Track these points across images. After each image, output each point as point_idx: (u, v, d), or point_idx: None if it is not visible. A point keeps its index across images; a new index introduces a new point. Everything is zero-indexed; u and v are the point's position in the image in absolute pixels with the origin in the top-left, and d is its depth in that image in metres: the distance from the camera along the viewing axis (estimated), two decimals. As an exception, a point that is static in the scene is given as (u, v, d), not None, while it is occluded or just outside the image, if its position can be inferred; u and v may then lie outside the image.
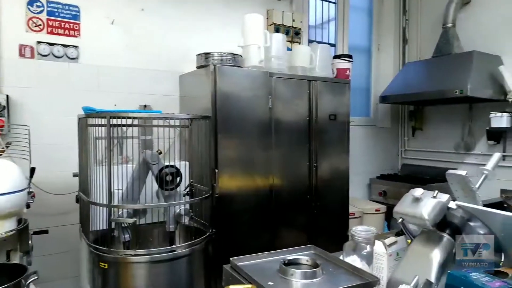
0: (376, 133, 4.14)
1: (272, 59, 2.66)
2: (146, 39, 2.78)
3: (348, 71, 3.02)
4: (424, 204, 1.20)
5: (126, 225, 1.95)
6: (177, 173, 1.94)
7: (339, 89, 2.95)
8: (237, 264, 1.37)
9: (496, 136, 3.45)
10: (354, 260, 1.54)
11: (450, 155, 3.80)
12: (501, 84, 3.20)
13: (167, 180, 1.93)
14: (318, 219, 2.88)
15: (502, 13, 3.37)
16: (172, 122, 2.17)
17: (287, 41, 3.10)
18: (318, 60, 2.90)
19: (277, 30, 3.02)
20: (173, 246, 1.96)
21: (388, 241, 1.35)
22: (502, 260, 1.18)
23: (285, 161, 2.71)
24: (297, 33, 3.16)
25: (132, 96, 2.72)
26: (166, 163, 1.96)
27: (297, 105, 2.73)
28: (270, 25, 3.03)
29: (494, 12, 3.43)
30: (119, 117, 1.84)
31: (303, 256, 1.45)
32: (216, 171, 2.34)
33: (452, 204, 1.20)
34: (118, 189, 1.99)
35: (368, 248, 1.46)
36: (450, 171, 1.33)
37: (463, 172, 1.28)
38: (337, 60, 3.04)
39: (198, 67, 2.52)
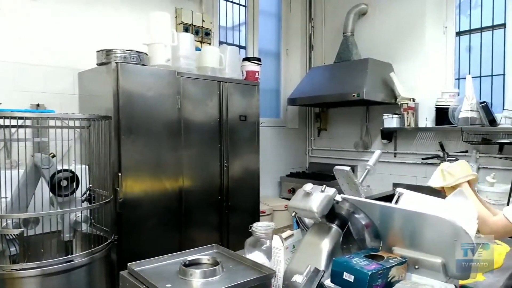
0: (285, 134, 4.34)
1: (180, 58, 2.62)
2: (40, 32, 2.53)
3: (257, 74, 3.12)
4: (313, 198, 1.29)
5: (12, 237, 1.75)
6: (72, 177, 1.80)
7: (248, 90, 3.02)
8: (135, 269, 1.32)
9: (389, 135, 3.86)
10: (257, 255, 1.59)
11: (350, 153, 4.15)
12: (392, 89, 3.59)
13: (61, 185, 1.78)
14: (230, 218, 2.91)
15: (394, 25, 3.78)
16: (71, 123, 2.01)
17: (197, 41, 3.08)
18: (228, 62, 2.93)
19: (186, 29, 2.99)
20: (69, 256, 1.81)
21: (284, 235, 1.42)
22: (381, 245, 1.32)
23: (196, 162, 2.69)
24: (207, 33, 3.16)
25: (23, 95, 2.45)
26: (64, 167, 1.81)
27: (207, 105, 2.73)
28: (179, 24, 2.98)
29: (387, 24, 3.83)
30: (1, 117, 1.65)
31: (205, 256, 1.46)
32: (120, 174, 2.22)
33: (338, 197, 1.31)
34: (4, 197, 1.79)
35: (268, 242, 1.52)
36: (337, 167, 1.45)
37: (347, 168, 1.40)
38: (247, 63, 3.11)
39: (98, 64, 2.37)
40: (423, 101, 3.56)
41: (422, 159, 3.56)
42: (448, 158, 3.42)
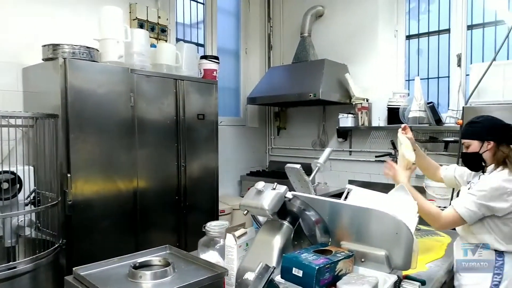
0: (246, 132, 4.34)
1: (134, 55, 2.54)
2: (-22, 23, 2.35)
3: (215, 72, 3.10)
4: (265, 196, 1.31)
5: None
6: (14, 179, 1.70)
7: (206, 89, 2.99)
8: (81, 273, 1.27)
9: (344, 134, 3.98)
10: (211, 255, 1.58)
11: (308, 152, 4.23)
12: (347, 89, 3.70)
13: (2, 188, 1.68)
14: (188, 218, 2.87)
15: (348, 28, 3.90)
16: (15, 121, 1.89)
17: (152, 38, 3.01)
18: (185, 60, 2.89)
19: (141, 25, 2.90)
20: (12, 263, 1.71)
21: (237, 233, 1.42)
22: (330, 240, 1.36)
23: (152, 161, 2.63)
24: (163, 30, 3.09)
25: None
26: (5, 169, 1.70)
27: (163, 104, 2.68)
28: (133, 20, 2.89)
29: (342, 26, 3.94)
30: None
31: (157, 257, 1.43)
32: (69, 175, 2.12)
33: (289, 194, 1.33)
34: None
35: (222, 241, 1.51)
36: (288, 165, 1.47)
37: (297, 166, 1.42)
38: (204, 61, 3.08)
39: (44, 60, 2.25)
40: (376, 101, 3.71)
41: (375, 156, 3.70)
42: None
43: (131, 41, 2.50)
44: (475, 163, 1.72)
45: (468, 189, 1.70)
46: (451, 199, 2.97)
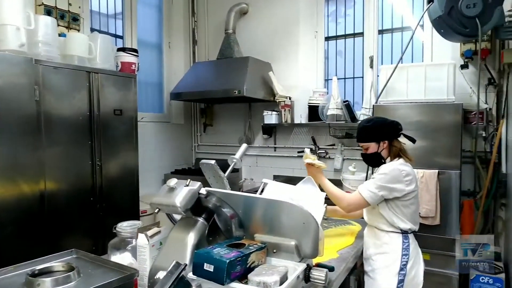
0: (170, 129, 4.22)
1: (39, 44, 2.31)
2: None
3: (134, 65, 2.95)
4: (177, 192, 1.28)
5: None
6: None
7: (124, 83, 2.84)
8: (-35, 287, 1.12)
9: (269, 131, 4.07)
10: (124, 256, 1.51)
11: (235, 148, 4.16)
12: (271, 87, 3.78)
13: None
14: (105, 221, 2.71)
15: (272, 27, 3.99)
16: None
17: (62, 26, 2.77)
18: (99, 51, 2.71)
19: (48, 12, 2.64)
20: None
21: (150, 232, 1.37)
22: (245, 234, 1.37)
23: (62, 161, 2.43)
24: (75, 19, 2.85)
25: None
26: None
27: (74, 98, 2.48)
28: (39, 5, 2.62)
29: (266, 25, 4.01)
30: None
31: (60, 262, 1.32)
32: (-43, 177, 1.87)
33: (203, 190, 1.32)
34: None
35: (134, 242, 1.45)
36: (203, 161, 1.45)
37: (212, 161, 1.41)
38: (122, 53, 2.92)
39: None
40: (298, 99, 3.85)
41: (298, 152, 3.86)
42: (319, 151, 3.78)
43: (35, 28, 2.27)
44: (375, 161, 1.91)
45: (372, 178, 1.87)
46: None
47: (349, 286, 1.93)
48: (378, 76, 3.49)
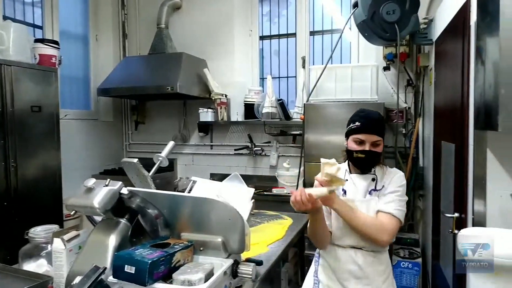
0: (98, 127, 3.98)
1: None
2: None
3: (54, 58, 2.73)
4: (96, 193, 1.20)
5: None
6: None
7: (43, 77, 2.62)
8: None
9: (205, 128, 4.02)
10: (39, 263, 1.39)
11: (170, 147, 4.12)
12: (207, 84, 3.74)
13: None
14: (22, 227, 2.46)
15: (206, 23, 3.93)
16: None
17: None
18: (12, 42, 2.46)
19: (-51, -5, 2.35)
20: None
21: (67, 236, 1.28)
22: (171, 233, 1.33)
23: (-32, 162, 2.17)
24: (-17, 4, 2.58)
25: None
26: None
27: (-18, 92, 2.23)
28: None
29: (200, 21, 3.95)
30: None
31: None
32: None
33: (124, 190, 1.25)
34: None
35: (49, 247, 1.34)
36: (124, 159, 1.39)
37: (134, 160, 1.36)
38: (40, 45, 2.68)
39: None
40: (234, 97, 3.85)
41: (235, 150, 3.86)
42: (255, 149, 3.82)
43: None
44: (375, 162, 1.55)
45: (371, 190, 1.54)
46: (297, 186, 3.31)
47: (281, 278, 1.98)
48: (309, 76, 3.62)
